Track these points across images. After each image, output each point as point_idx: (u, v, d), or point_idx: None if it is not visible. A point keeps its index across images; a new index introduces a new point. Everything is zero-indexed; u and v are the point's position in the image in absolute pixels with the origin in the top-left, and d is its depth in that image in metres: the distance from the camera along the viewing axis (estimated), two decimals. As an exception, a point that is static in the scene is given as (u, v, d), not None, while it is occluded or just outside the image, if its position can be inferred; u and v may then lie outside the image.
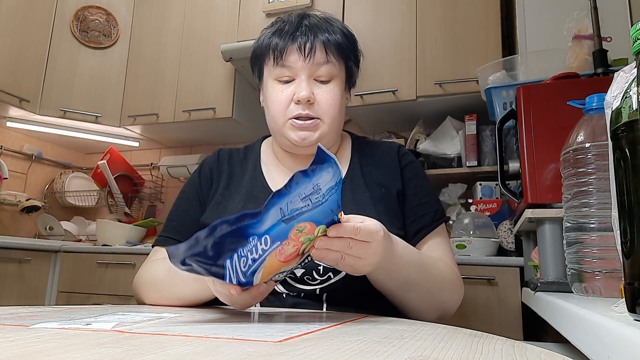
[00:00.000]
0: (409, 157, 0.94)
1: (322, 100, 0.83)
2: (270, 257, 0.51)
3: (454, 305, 0.81)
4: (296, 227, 0.50)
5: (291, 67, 0.82)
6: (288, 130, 0.83)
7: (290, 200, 0.49)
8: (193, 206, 0.91)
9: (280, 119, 0.84)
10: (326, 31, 0.83)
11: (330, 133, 0.85)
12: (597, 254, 0.65)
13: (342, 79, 0.87)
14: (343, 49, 0.85)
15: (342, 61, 0.87)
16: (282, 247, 0.51)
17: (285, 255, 0.52)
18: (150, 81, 2.57)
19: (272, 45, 0.83)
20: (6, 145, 2.60)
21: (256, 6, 2.38)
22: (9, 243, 2.01)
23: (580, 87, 1.04)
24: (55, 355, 0.29)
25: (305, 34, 0.82)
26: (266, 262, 0.52)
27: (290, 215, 0.49)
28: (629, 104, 0.42)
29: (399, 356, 0.33)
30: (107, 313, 0.54)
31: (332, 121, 0.84)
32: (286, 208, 0.49)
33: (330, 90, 0.84)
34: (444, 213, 0.90)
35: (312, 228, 0.52)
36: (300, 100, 0.81)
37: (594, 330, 0.43)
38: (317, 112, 0.83)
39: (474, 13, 2.00)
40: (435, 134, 2.10)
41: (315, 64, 0.82)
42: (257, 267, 0.52)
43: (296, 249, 0.53)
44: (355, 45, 0.90)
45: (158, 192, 2.89)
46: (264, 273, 0.53)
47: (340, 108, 0.85)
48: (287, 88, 0.83)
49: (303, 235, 0.52)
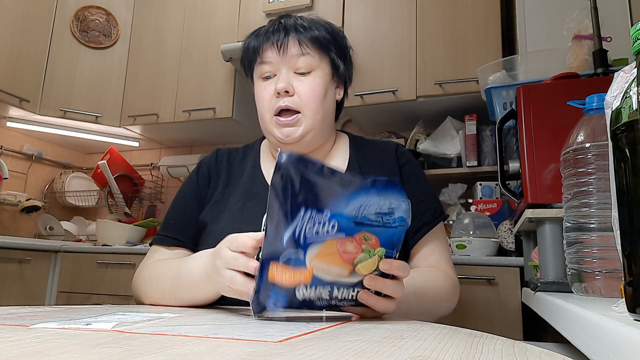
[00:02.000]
0: (406, 156, 0.94)
1: (302, 92, 0.84)
2: (332, 242, 0.50)
3: (450, 310, 0.83)
4: (363, 232, 0.51)
5: (270, 63, 0.85)
6: (273, 128, 0.86)
7: (369, 204, 0.49)
8: (191, 205, 0.91)
9: (266, 114, 0.86)
10: (301, 27, 0.86)
11: (314, 127, 0.85)
12: (597, 254, 0.65)
13: (324, 70, 0.87)
14: (319, 41, 0.86)
15: (322, 53, 0.87)
16: (345, 241, 0.51)
17: (344, 250, 0.51)
18: (150, 81, 2.57)
19: (251, 47, 0.88)
20: (6, 145, 2.60)
21: (256, 6, 2.38)
22: (9, 243, 2.01)
23: (580, 87, 1.04)
24: (55, 355, 0.29)
25: (279, 31, 0.85)
26: (326, 244, 0.50)
27: (362, 220, 0.50)
28: (629, 104, 0.42)
29: (399, 356, 0.33)
30: (107, 313, 0.54)
31: (314, 113, 0.85)
32: (363, 209, 0.49)
33: (310, 82, 0.85)
34: (443, 211, 0.91)
35: (376, 243, 0.52)
36: (279, 91, 0.83)
37: (594, 330, 0.43)
38: (297, 103, 0.84)
39: (474, 13, 2.00)
40: (435, 134, 2.10)
41: (293, 57, 0.84)
42: (317, 241, 0.50)
43: (355, 253, 0.52)
44: (335, 37, 0.90)
45: (158, 192, 2.89)
46: (320, 253, 0.51)
47: (322, 100, 0.86)
48: (270, 84, 0.86)
49: (366, 244, 0.51)
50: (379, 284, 0.55)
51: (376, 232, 0.51)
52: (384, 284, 0.55)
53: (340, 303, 0.56)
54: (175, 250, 0.87)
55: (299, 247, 0.50)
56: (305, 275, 0.52)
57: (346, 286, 0.54)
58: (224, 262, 0.59)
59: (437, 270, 0.84)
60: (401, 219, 0.51)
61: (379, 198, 0.49)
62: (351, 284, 0.54)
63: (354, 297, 0.56)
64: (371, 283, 0.54)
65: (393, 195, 0.50)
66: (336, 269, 0.53)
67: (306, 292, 0.53)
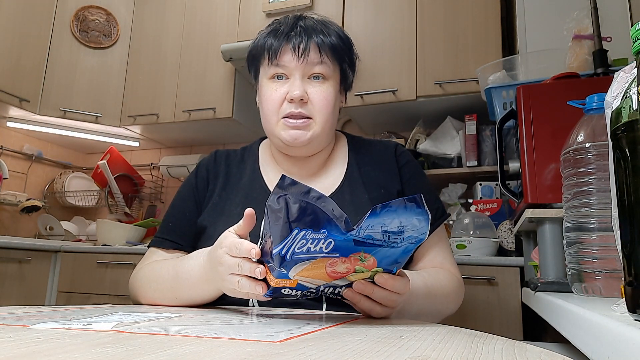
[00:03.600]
0: (406, 156, 0.94)
1: (315, 100, 0.83)
2: (321, 261, 0.49)
3: (455, 309, 0.83)
4: (361, 253, 0.49)
5: (285, 67, 0.83)
6: (280, 130, 0.84)
7: (372, 224, 0.47)
8: (189, 208, 0.91)
9: (273, 117, 0.84)
10: (321, 33, 0.84)
11: (322, 134, 0.85)
12: (597, 254, 0.65)
13: (336, 80, 0.87)
14: (337, 51, 0.86)
15: (337, 63, 0.87)
16: (337, 261, 0.49)
17: (333, 270, 0.50)
18: (150, 81, 2.57)
19: (267, 46, 0.84)
20: (6, 145, 2.60)
21: (256, 6, 2.38)
22: (9, 243, 2.01)
23: (580, 87, 1.04)
24: (55, 355, 0.29)
25: (300, 35, 0.83)
26: (314, 263, 0.49)
27: (363, 239, 0.48)
28: (629, 104, 0.42)
29: (399, 356, 0.33)
30: (107, 313, 0.54)
31: (324, 121, 0.84)
32: (366, 228, 0.47)
33: (324, 90, 0.84)
34: (445, 210, 0.91)
35: (372, 264, 0.51)
36: (293, 99, 0.82)
37: (594, 330, 0.43)
38: (310, 111, 0.83)
39: (474, 13, 2.00)
40: (435, 134, 2.10)
41: (309, 64, 0.83)
42: (305, 259, 0.49)
43: (346, 272, 0.51)
44: (350, 48, 0.90)
45: (158, 192, 2.89)
46: (305, 270, 0.50)
47: (333, 109, 0.85)
48: (281, 87, 0.84)
49: (361, 265, 0.50)
50: (367, 288, 0.54)
51: (377, 251, 0.49)
52: (372, 290, 0.54)
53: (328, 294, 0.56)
54: (174, 253, 0.87)
55: (284, 263, 0.49)
56: (290, 283, 0.53)
57: (335, 286, 0.55)
58: (227, 268, 0.58)
59: (444, 271, 0.84)
60: (410, 237, 0.49)
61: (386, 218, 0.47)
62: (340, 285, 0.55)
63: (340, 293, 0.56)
64: (360, 287, 0.54)
65: (407, 213, 0.48)
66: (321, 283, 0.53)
67: (292, 292, 0.55)
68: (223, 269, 0.59)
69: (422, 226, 0.49)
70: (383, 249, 0.49)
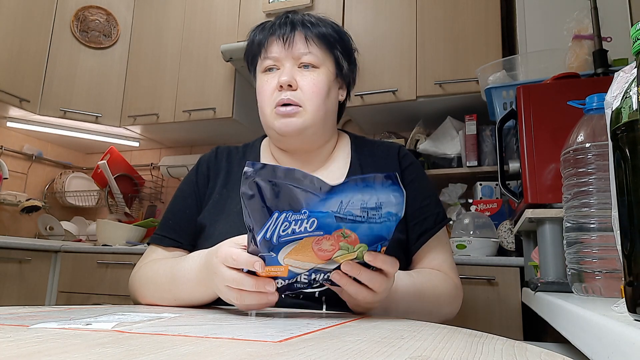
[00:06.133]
0: (409, 159, 0.93)
1: (304, 86, 0.83)
2: (307, 240, 0.51)
3: (453, 314, 0.83)
4: (343, 229, 0.50)
5: (275, 57, 0.85)
6: (273, 120, 0.85)
7: (352, 200, 0.49)
8: (189, 204, 0.90)
9: (267, 108, 0.85)
10: (308, 22, 0.86)
11: (315, 123, 0.85)
12: (597, 254, 0.65)
13: (328, 68, 0.87)
14: (326, 38, 0.86)
15: (328, 50, 0.87)
16: (322, 239, 0.51)
17: (320, 248, 0.51)
18: (150, 81, 2.57)
19: (257, 40, 0.87)
20: (6, 145, 2.60)
21: (256, 6, 2.38)
22: (9, 243, 2.01)
23: (580, 87, 1.04)
24: (55, 355, 0.29)
25: (286, 25, 0.85)
26: (301, 242, 0.51)
27: (344, 216, 0.49)
28: (629, 104, 0.42)
29: (399, 356, 0.33)
30: (107, 313, 0.54)
31: (315, 109, 0.84)
32: (345, 205, 0.49)
33: (314, 78, 0.84)
34: (446, 215, 0.90)
35: (355, 240, 0.51)
36: (282, 84, 0.82)
37: (594, 330, 0.43)
38: (299, 98, 0.83)
39: (474, 13, 2.00)
40: (436, 134, 2.10)
41: (297, 51, 0.84)
42: (292, 240, 0.51)
43: (332, 250, 0.52)
44: (342, 36, 0.90)
45: (158, 192, 2.89)
46: (293, 252, 0.51)
47: (324, 97, 0.85)
48: (273, 79, 0.85)
49: (344, 241, 0.51)
50: (354, 269, 0.54)
51: (357, 227, 0.51)
52: (359, 271, 0.54)
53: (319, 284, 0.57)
54: (173, 251, 0.87)
55: (271, 247, 0.51)
56: (281, 271, 0.54)
57: (324, 272, 0.56)
58: (221, 279, 0.57)
59: (439, 273, 0.83)
60: (389, 214, 0.50)
61: (364, 194, 0.49)
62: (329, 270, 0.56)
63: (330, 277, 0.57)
64: (347, 268, 0.54)
65: (383, 190, 0.49)
66: (311, 265, 0.54)
67: (284, 282, 0.56)
68: (218, 280, 0.58)
69: (398, 202, 0.50)
70: (363, 224, 0.51)
